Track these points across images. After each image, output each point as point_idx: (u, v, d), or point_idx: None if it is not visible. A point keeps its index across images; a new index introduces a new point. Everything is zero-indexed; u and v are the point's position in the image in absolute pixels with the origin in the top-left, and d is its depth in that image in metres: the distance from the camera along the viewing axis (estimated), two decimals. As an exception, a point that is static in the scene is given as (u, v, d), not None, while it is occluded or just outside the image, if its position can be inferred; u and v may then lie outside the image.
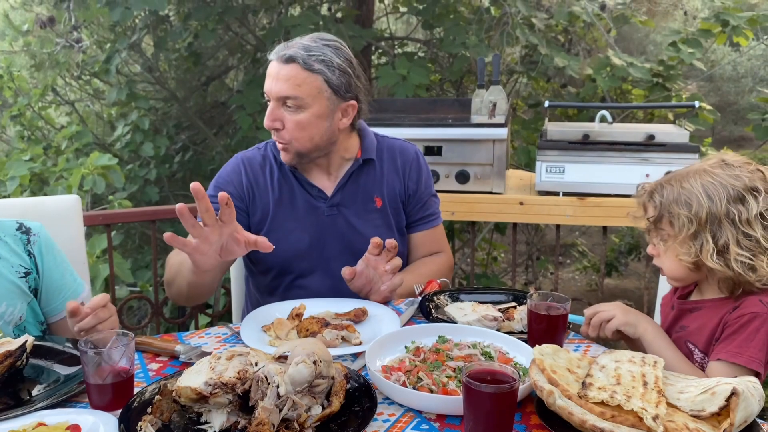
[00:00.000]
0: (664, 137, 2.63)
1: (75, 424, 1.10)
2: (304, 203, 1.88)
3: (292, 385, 1.11)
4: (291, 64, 1.71)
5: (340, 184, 1.89)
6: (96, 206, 4.30)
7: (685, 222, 1.45)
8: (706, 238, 1.43)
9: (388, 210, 1.95)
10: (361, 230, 1.89)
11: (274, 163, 1.91)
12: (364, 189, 1.92)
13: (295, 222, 1.87)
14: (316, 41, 1.75)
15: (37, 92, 5.12)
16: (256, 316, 1.61)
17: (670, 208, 1.48)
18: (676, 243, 1.48)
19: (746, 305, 1.43)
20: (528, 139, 4.83)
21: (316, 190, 1.88)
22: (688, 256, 1.46)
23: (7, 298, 1.54)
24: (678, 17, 7.29)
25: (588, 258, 5.91)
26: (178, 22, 5.01)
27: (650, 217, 1.54)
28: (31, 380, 1.31)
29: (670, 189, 1.49)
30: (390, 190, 1.95)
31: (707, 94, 8.28)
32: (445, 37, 4.70)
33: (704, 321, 1.50)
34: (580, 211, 2.66)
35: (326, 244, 1.88)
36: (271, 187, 1.88)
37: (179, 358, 1.40)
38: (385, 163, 1.96)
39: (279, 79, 1.72)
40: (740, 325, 1.41)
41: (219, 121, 5.91)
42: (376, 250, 1.68)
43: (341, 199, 1.90)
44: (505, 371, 1.10)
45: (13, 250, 1.59)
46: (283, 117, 1.75)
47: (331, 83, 1.74)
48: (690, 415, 1.07)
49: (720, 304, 1.49)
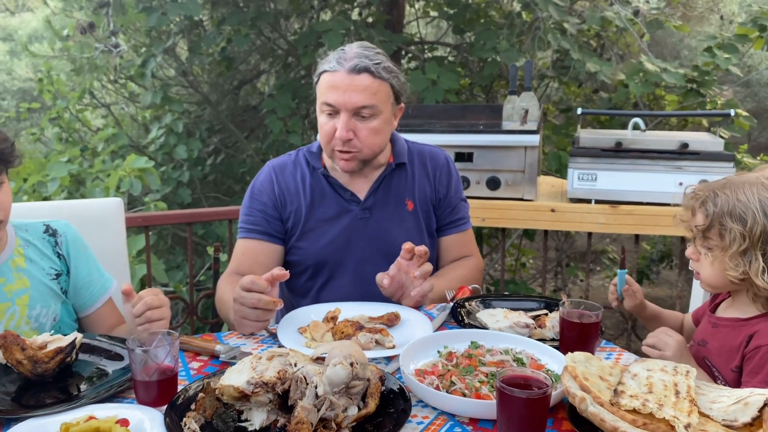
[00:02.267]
0: (699, 145, 2.62)
1: (124, 418, 1.15)
2: (337, 207, 1.92)
3: (329, 385, 1.15)
4: (363, 74, 1.75)
5: (373, 188, 1.93)
6: (131, 207, 4.41)
7: (738, 237, 1.41)
8: (756, 255, 1.41)
9: (419, 213, 1.98)
10: (394, 233, 1.92)
11: (306, 168, 1.95)
12: (396, 192, 1.96)
13: (328, 225, 1.91)
14: (370, 50, 1.79)
15: (75, 95, 5.27)
16: (292, 318, 1.65)
17: (722, 220, 1.44)
18: (726, 257, 1.45)
19: (761, 335, 1.42)
20: (559, 145, 4.82)
21: (349, 193, 1.92)
22: (735, 272, 1.43)
23: (41, 300, 1.59)
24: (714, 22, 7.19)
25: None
26: (212, 27, 5.11)
27: (699, 225, 1.50)
28: (79, 375, 1.37)
29: (725, 199, 1.45)
30: (421, 193, 1.99)
31: (743, 99, 8.14)
32: (475, 41, 4.71)
33: (722, 342, 1.50)
34: (612, 219, 2.66)
35: (358, 247, 1.92)
36: (303, 192, 1.92)
37: (219, 358, 1.45)
38: (416, 167, 2.00)
39: (354, 90, 1.75)
40: (760, 357, 1.39)
41: (250, 124, 6.01)
42: (408, 255, 1.71)
43: (374, 202, 1.93)
44: (538, 377, 1.12)
45: (43, 253, 1.63)
46: (355, 126, 1.79)
47: (394, 89, 1.82)
48: (722, 425, 1.08)
49: (737, 325, 1.48)
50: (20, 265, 1.58)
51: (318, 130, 1.87)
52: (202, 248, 4.85)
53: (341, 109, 1.77)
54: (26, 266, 1.59)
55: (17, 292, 1.57)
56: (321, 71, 1.81)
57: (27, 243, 1.62)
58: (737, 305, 1.53)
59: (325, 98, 1.79)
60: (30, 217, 1.70)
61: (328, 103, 1.78)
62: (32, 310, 1.58)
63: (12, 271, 1.57)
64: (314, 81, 1.84)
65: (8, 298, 1.56)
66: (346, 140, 1.79)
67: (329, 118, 1.81)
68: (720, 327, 1.52)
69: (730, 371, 1.45)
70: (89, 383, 1.33)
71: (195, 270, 4.27)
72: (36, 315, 1.59)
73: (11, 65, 9.41)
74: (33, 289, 1.58)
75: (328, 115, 1.80)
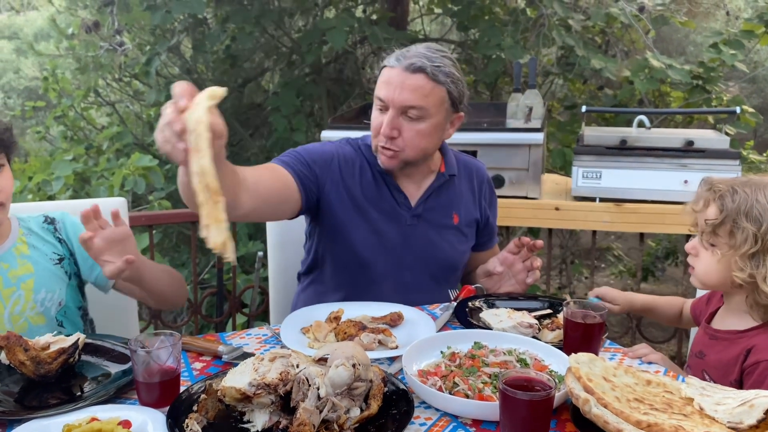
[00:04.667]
0: (704, 143, 2.60)
1: (126, 419, 1.15)
2: (390, 208, 1.88)
3: (332, 387, 1.14)
4: (418, 74, 1.71)
5: (424, 196, 1.90)
6: (135, 205, 4.41)
7: (750, 238, 1.38)
8: (764, 260, 1.38)
9: (463, 227, 1.97)
10: (438, 244, 1.91)
11: (365, 160, 1.89)
12: (445, 204, 1.93)
13: (378, 224, 1.86)
14: (435, 52, 1.75)
15: (80, 93, 5.28)
16: (294, 318, 1.65)
17: (736, 218, 1.40)
18: (736, 256, 1.41)
19: (759, 349, 1.39)
20: (563, 142, 4.79)
21: (402, 197, 1.88)
22: (742, 273, 1.40)
23: (46, 284, 1.63)
24: (719, 18, 7.14)
25: (623, 262, 5.84)
26: (216, 25, 5.11)
27: (710, 219, 1.45)
28: (82, 376, 1.37)
29: (743, 197, 1.41)
30: (466, 208, 1.98)
31: (749, 96, 8.09)
32: (480, 38, 4.69)
33: (720, 354, 1.48)
34: (616, 217, 2.65)
35: (403, 253, 1.88)
36: (360, 184, 1.86)
37: (222, 358, 1.45)
38: (463, 179, 1.99)
39: (405, 88, 1.72)
40: (759, 373, 1.38)
41: (255, 122, 6.00)
42: (516, 249, 1.83)
43: (423, 210, 1.90)
44: (541, 379, 1.12)
45: (44, 239, 1.68)
46: (401, 125, 1.76)
47: (452, 95, 1.77)
48: (728, 427, 1.08)
49: (735, 338, 1.46)
50: (24, 252, 1.64)
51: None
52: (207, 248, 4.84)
53: (390, 106, 1.75)
54: (29, 252, 1.64)
55: (22, 277, 1.62)
56: (382, 66, 1.79)
57: (29, 231, 1.68)
58: (733, 314, 1.51)
59: (378, 92, 1.77)
60: (34, 217, 1.75)
61: (380, 97, 1.76)
62: (37, 294, 1.62)
63: (16, 257, 1.62)
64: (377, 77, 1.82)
65: (13, 283, 1.60)
66: (389, 137, 1.76)
67: (380, 113, 1.78)
68: (717, 339, 1.50)
69: (729, 384, 1.43)
70: (92, 384, 1.34)
71: (199, 268, 4.28)
72: (41, 299, 1.62)
73: (17, 64, 9.45)
74: (37, 274, 1.63)
75: (380, 110, 1.78)
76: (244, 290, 3.04)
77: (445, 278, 1.96)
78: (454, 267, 1.98)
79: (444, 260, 1.93)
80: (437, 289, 1.94)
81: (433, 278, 1.92)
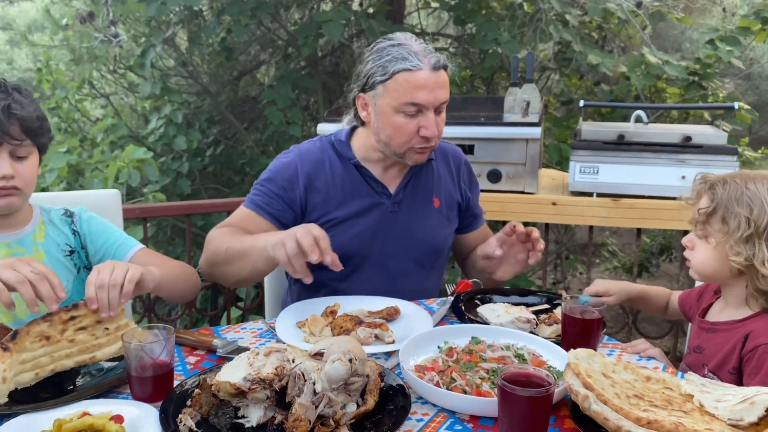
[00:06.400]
0: (702, 139, 2.59)
1: (118, 414, 1.13)
2: (369, 199, 1.88)
3: (328, 382, 1.13)
4: (443, 70, 1.74)
5: (403, 183, 1.90)
6: (130, 198, 4.38)
7: (742, 222, 1.40)
8: (760, 244, 1.39)
9: (444, 210, 1.97)
10: (420, 229, 1.91)
11: (335, 157, 1.88)
12: (424, 189, 1.94)
13: (358, 217, 1.86)
14: (426, 43, 1.78)
15: (74, 85, 5.23)
16: (290, 312, 1.64)
17: (728, 204, 1.42)
18: (728, 243, 1.42)
19: (757, 334, 1.40)
20: (560, 137, 4.78)
21: (381, 186, 1.88)
22: (739, 257, 1.41)
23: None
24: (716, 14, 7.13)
25: (618, 258, 5.84)
26: (212, 17, 5.07)
27: (703, 208, 1.47)
28: (74, 370, 1.34)
29: (734, 186, 1.43)
30: (446, 191, 1.98)
31: (744, 92, 8.08)
32: (477, 33, 4.67)
33: (719, 346, 1.47)
34: (614, 212, 2.64)
35: (386, 241, 1.88)
36: (333, 183, 1.86)
37: (216, 353, 1.43)
38: (440, 163, 1.99)
39: (439, 87, 1.73)
40: (758, 357, 1.37)
41: (250, 115, 5.97)
42: (510, 232, 1.78)
43: (403, 196, 1.91)
44: (540, 375, 1.10)
45: (60, 230, 1.69)
46: (434, 121, 1.77)
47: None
48: (728, 424, 1.06)
49: (733, 327, 1.46)
50: (39, 240, 1.65)
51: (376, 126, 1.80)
52: (201, 239, 4.81)
53: (429, 108, 1.73)
54: (44, 241, 1.66)
55: None
56: (396, 70, 1.71)
57: (48, 221, 1.70)
58: (730, 306, 1.51)
59: (412, 98, 1.71)
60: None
61: (416, 102, 1.71)
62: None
63: (32, 244, 1.64)
64: (378, 80, 1.74)
65: None
66: (434, 137, 1.77)
67: (410, 118, 1.74)
68: (717, 332, 1.50)
69: (727, 373, 1.43)
70: (84, 378, 1.32)
71: (194, 262, 4.25)
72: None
73: (11, 55, 9.37)
74: (48, 263, 1.61)
75: (411, 115, 1.74)
76: (239, 284, 3.02)
77: (431, 263, 1.96)
78: (439, 251, 1.97)
79: (427, 245, 1.93)
80: (424, 274, 1.93)
81: (418, 263, 1.92)
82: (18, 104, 1.53)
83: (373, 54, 1.77)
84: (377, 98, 1.76)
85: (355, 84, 1.83)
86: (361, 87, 1.79)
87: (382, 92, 1.74)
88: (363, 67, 1.79)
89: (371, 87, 1.76)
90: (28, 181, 1.59)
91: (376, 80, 1.74)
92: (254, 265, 1.64)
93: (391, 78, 1.72)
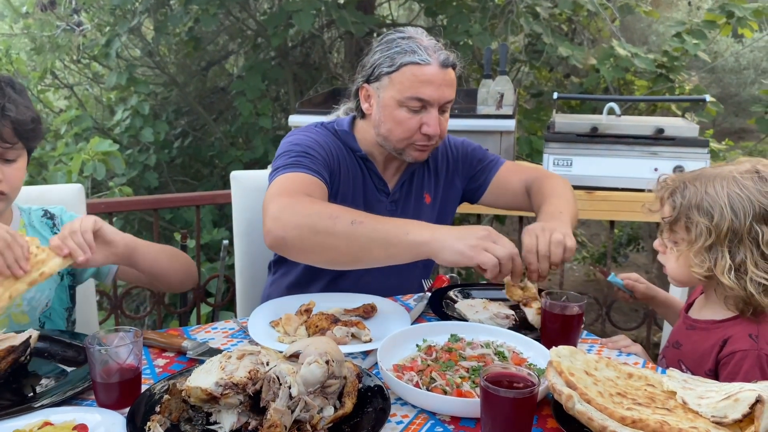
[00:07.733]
0: (674, 131, 2.60)
1: (82, 423, 1.07)
2: (370, 193, 1.84)
3: (304, 385, 1.08)
4: (451, 68, 1.70)
5: (401, 181, 1.87)
6: (95, 191, 4.26)
7: (704, 231, 1.36)
8: (722, 252, 1.36)
9: (437, 205, 1.94)
10: None
11: (340, 144, 1.82)
12: (417, 186, 1.91)
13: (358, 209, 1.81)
14: (437, 39, 1.73)
15: (36, 75, 5.07)
16: (263, 311, 1.58)
17: (689, 213, 1.39)
18: (691, 252, 1.40)
19: (735, 340, 1.37)
20: (530, 129, 4.79)
21: (382, 183, 1.84)
22: (700, 269, 1.39)
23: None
24: (682, 8, 7.23)
25: (587, 248, 5.89)
26: (179, 6, 4.94)
27: (666, 217, 1.46)
28: (35, 376, 1.28)
29: (693, 191, 1.40)
30: (437, 187, 1.94)
31: (708, 85, 8.23)
32: (448, 24, 4.64)
33: (696, 344, 1.45)
34: (587, 205, 2.63)
35: None
36: (340, 172, 1.79)
37: (186, 354, 1.37)
38: (429, 159, 1.94)
39: (447, 85, 1.68)
40: (735, 363, 1.35)
41: (219, 106, 5.86)
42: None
43: (400, 195, 1.87)
44: (523, 375, 1.08)
45: (41, 234, 1.62)
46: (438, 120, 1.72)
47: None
48: (712, 422, 1.05)
49: (712, 327, 1.44)
50: None
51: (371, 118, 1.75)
52: (169, 233, 4.73)
53: (433, 104, 1.68)
54: None
55: None
56: (404, 62, 1.66)
57: (29, 224, 1.63)
58: (711, 304, 1.48)
59: (417, 92, 1.66)
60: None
61: (421, 98, 1.67)
62: (27, 292, 1.51)
63: None
64: (385, 71, 1.68)
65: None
66: (436, 135, 1.71)
67: (413, 114, 1.69)
68: (695, 329, 1.48)
69: (703, 374, 1.41)
70: (45, 385, 1.25)
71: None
72: (29, 297, 1.56)
73: (-33, 43, 9.06)
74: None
75: (414, 111, 1.68)
76: (209, 279, 2.95)
77: (424, 260, 1.92)
78: None
79: None
80: (417, 272, 1.90)
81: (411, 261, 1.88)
82: (13, 104, 1.45)
83: (381, 45, 1.72)
84: (381, 90, 1.71)
85: (360, 74, 1.77)
86: (366, 77, 1.74)
87: (387, 84, 1.69)
88: (369, 57, 1.74)
89: (377, 78, 1.71)
90: (15, 186, 1.52)
91: (382, 71, 1.69)
92: (392, 256, 1.46)
93: (397, 70, 1.67)
